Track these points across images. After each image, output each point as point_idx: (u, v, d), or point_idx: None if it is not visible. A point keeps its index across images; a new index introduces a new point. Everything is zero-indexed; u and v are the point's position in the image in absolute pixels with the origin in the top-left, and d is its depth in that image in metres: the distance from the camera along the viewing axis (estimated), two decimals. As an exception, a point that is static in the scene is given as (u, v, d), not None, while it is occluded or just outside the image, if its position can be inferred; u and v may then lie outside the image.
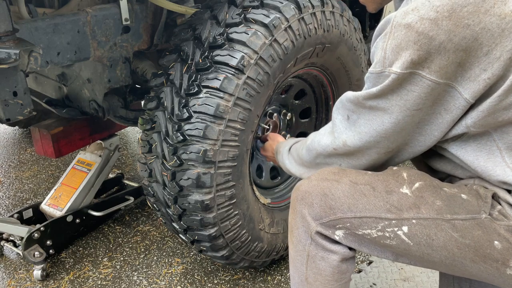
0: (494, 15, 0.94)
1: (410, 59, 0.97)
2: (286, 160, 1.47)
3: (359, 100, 1.10)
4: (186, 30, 1.73)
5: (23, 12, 1.54)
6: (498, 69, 0.96)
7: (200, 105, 1.58)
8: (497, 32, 0.94)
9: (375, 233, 1.12)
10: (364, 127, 1.12)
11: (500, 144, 1.06)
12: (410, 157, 1.18)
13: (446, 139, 1.11)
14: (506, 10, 0.95)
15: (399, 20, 0.98)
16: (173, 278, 2.08)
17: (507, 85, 0.97)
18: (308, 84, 2.19)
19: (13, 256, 2.26)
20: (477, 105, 1.02)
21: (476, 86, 0.99)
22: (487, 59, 0.96)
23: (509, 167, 1.06)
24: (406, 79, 1.00)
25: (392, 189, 1.11)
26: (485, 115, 1.01)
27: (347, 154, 1.20)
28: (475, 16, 0.94)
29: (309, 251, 1.20)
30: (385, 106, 1.06)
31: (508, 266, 1.04)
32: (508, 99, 0.99)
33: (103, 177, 2.36)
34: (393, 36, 0.99)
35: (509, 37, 0.95)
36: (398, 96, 1.03)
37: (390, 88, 1.03)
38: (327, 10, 1.86)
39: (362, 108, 1.11)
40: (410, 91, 1.01)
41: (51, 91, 2.17)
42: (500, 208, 1.07)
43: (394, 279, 2.00)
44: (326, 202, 1.14)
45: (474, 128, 1.05)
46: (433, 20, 0.95)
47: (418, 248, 1.10)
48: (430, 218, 1.07)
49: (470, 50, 0.96)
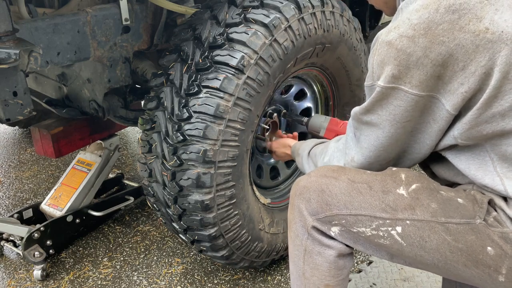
0: (469, 32, 0.99)
1: (392, 73, 1.04)
2: (305, 164, 1.52)
3: (358, 116, 1.18)
4: (186, 30, 1.73)
5: (23, 12, 1.54)
6: (474, 83, 1.00)
7: (200, 105, 1.58)
8: (471, 48, 0.99)
9: (369, 231, 1.13)
10: (364, 143, 1.18)
11: (492, 154, 1.08)
12: (411, 164, 1.21)
13: (442, 148, 1.13)
14: (480, 27, 0.98)
15: (383, 37, 1.06)
16: (173, 278, 2.08)
17: (484, 99, 1.01)
18: (308, 84, 2.19)
19: (13, 256, 2.26)
20: (461, 117, 1.06)
21: (455, 99, 1.03)
22: (463, 74, 1.00)
23: (499, 176, 1.07)
24: (391, 94, 1.06)
25: (389, 189, 1.13)
26: (469, 127, 1.05)
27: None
28: (449, 33, 0.99)
29: (306, 245, 1.21)
30: (377, 122, 1.12)
31: (500, 273, 1.05)
32: (487, 112, 1.03)
33: (103, 177, 2.36)
34: (378, 52, 1.06)
35: (483, 53, 0.98)
36: (387, 111, 1.09)
37: (377, 102, 1.09)
38: (327, 10, 1.86)
39: (361, 124, 1.18)
40: (397, 106, 1.07)
41: (51, 91, 2.17)
42: (495, 214, 1.07)
43: (394, 279, 2.00)
44: (323, 198, 1.16)
45: (462, 140, 1.08)
46: (410, 38, 1.01)
47: (411, 249, 1.10)
48: (424, 220, 1.08)
49: (447, 65, 1.01)
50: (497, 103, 1.01)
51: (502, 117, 1.02)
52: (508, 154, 1.06)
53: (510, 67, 0.98)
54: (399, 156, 1.19)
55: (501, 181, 1.07)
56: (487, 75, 0.99)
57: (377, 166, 1.21)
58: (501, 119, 1.02)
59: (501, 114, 1.02)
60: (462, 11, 0.99)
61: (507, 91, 1.00)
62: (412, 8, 1.04)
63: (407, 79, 1.03)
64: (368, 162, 1.20)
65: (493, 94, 1.00)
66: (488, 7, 0.99)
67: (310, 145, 1.54)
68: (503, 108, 1.01)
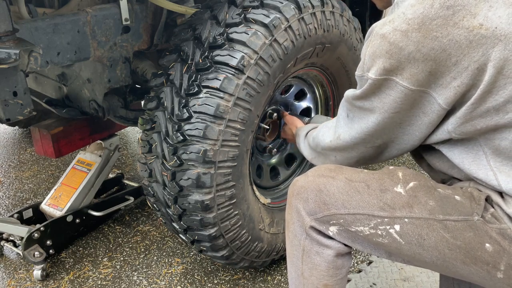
0: (463, 28, 0.99)
1: (383, 66, 1.05)
2: (301, 143, 1.57)
3: (350, 101, 1.20)
4: (186, 30, 1.74)
5: (23, 12, 1.54)
6: (467, 78, 1.01)
7: (200, 105, 1.58)
8: (464, 44, 0.99)
9: (367, 230, 1.13)
10: (355, 124, 1.20)
11: (486, 149, 1.09)
12: (399, 153, 1.23)
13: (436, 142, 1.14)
14: (474, 23, 0.99)
15: (378, 30, 1.07)
16: (173, 278, 2.08)
17: (478, 95, 1.02)
18: (308, 84, 2.19)
19: (13, 256, 2.26)
20: (454, 112, 1.07)
21: (448, 93, 1.04)
22: (456, 69, 1.01)
23: (492, 171, 1.08)
24: (383, 84, 1.08)
25: (386, 188, 1.13)
26: (462, 121, 1.06)
27: (339, 148, 1.29)
28: (443, 29, 1.00)
29: (304, 245, 1.21)
30: (369, 107, 1.14)
31: (498, 269, 1.05)
32: (482, 107, 1.03)
33: (103, 177, 2.36)
34: (371, 44, 1.07)
35: (476, 49, 0.99)
36: (379, 98, 1.10)
37: (370, 91, 1.11)
38: (327, 10, 1.86)
39: (354, 107, 1.19)
40: (388, 94, 1.08)
41: (51, 91, 2.17)
42: (493, 211, 1.07)
43: (394, 279, 2.00)
44: (320, 197, 1.16)
45: (456, 134, 1.09)
46: (403, 32, 1.02)
47: (409, 247, 1.11)
48: (422, 217, 1.09)
49: (439, 60, 1.01)
50: (492, 98, 1.02)
51: (496, 112, 1.03)
52: (501, 148, 1.06)
53: (504, 62, 0.99)
54: (386, 145, 1.20)
55: (494, 175, 1.07)
56: (480, 71, 1.00)
57: (361, 148, 1.24)
58: (495, 113, 1.03)
59: (496, 109, 1.02)
60: (457, 7, 1.00)
61: (502, 86, 1.00)
62: (408, 3, 1.05)
63: (399, 72, 1.04)
64: (353, 143, 1.23)
65: (488, 89, 1.01)
66: (482, 4, 1.00)
67: (309, 128, 1.59)
68: (498, 103, 1.02)
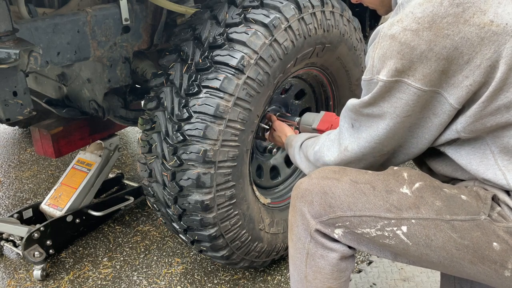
0: (474, 25, 0.99)
1: (395, 67, 1.03)
2: (297, 155, 1.51)
3: (357, 109, 1.16)
4: (186, 30, 1.73)
5: (23, 12, 1.54)
6: (479, 76, 1.00)
7: (200, 105, 1.58)
8: (476, 41, 0.99)
9: (374, 232, 1.12)
10: (364, 133, 1.17)
11: (493, 147, 1.08)
12: (406, 159, 1.21)
13: (443, 143, 1.13)
14: (485, 19, 0.99)
15: (386, 31, 1.05)
16: (173, 278, 2.08)
17: (489, 92, 1.01)
18: (308, 84, 2.19)
19: (13, 256, 2.26)
20: (464, 111, 1.06)
21: (460, 92, 1.03)
22: (468, 67, 1.00)
23: (500, 170, 1.07)
24: (394, 87, 1.05)
25: (392, 189, 1.12)
26: (473, 120, 1.05)
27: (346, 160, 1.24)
28: (454, 27, 0.99)
29: (308, 249, 1.20)
30: (378, 113, 1.11)
31: (506, 268, 1.05)
32: (493, 105, 1.03)
33: (103, 177, 2.36)
34: (380, 46, 1.05)
35: (488, 46, 0.99)
36: (389, 103, 1.08)
37: (380, 96, 1.08)
38: (327, 10, 1.86)
39: (361, 116, 1.16)
40: (399, 98, 1.06)
41: (51, 91, 2.17)
42: (499, 209, 1.07)
43: (394, 279, 2.00)
44: (326, 200, 1.15)
45: (465, 133, 1.08)
46: (414, 31, 1.01)
47: (417, 248, 1.10)
48: (430, 218, 1.08)
49: (451, 59, 1.00)
50: (503, 95, 1.01)
51: (507, 109, 1.02)
52: (510, 146, 1.06)
53: None
54: (394, 151, 1.19)
55: (503, 175, 1.07)
56: (492, 68, 1.00)
57: (370, 158, 1.21)
58: (506, 111, 1.03)
59: (506, 106, 1.02)
60: (466, 4, 1.00)
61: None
62: (415, 2, 1.04)
63: (411, 72, 1.03)
64: (362, 153, 1.19)
65: (499, 86, 1.00)
66: (491, 0, 1.00)
67: (303, 138, 1.53)
68: (509, 100, 1.01)
